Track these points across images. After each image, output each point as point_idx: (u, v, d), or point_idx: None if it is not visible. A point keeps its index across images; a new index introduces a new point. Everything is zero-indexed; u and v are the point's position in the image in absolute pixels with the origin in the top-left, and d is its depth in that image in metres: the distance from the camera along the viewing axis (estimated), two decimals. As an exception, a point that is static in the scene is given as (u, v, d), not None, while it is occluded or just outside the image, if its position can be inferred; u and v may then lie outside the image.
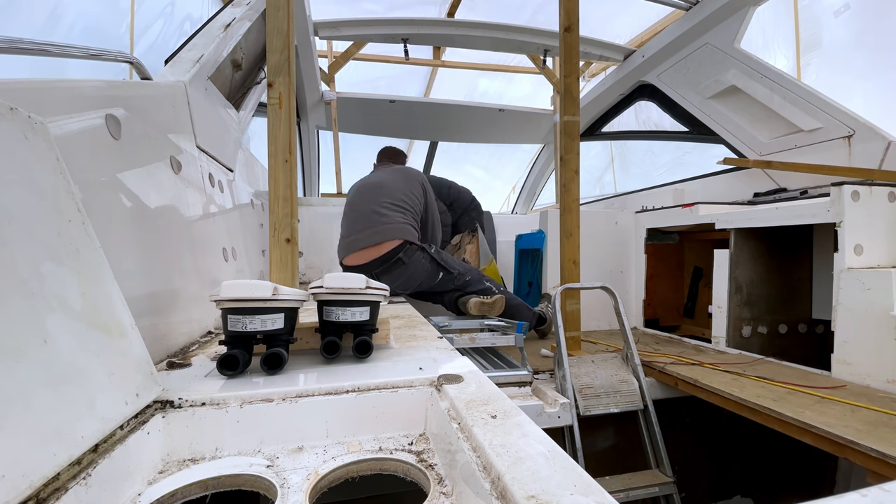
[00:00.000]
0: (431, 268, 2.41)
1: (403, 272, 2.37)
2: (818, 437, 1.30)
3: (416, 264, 2.37)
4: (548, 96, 4.86)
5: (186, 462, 0.73)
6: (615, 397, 1.85)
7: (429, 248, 2.42)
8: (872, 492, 0.48)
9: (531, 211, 5.79)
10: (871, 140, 2.25)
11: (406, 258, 2.34)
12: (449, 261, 2.47)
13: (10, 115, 0.61)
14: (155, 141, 1.28)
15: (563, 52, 2.18)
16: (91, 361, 0.63)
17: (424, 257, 2.40)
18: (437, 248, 2.49)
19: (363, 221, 2.40)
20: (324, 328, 1.11)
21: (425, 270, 2.41)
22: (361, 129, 4.82)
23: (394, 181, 2.50)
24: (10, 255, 0.54)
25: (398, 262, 2.33)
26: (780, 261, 2.35)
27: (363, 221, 2.40)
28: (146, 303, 1.07)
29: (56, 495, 0.51)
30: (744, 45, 2.81)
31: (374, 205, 2.40)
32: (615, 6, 3.83)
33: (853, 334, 1.68)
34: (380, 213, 2.38)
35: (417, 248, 2.39)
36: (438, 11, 3.94)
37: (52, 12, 2.09)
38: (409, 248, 2.35)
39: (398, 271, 2.34)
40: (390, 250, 2.31)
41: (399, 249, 2.32)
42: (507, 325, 2.15)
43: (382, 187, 2.47)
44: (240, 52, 2.26)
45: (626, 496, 1.66)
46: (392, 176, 2.54)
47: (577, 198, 2.21)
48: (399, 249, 2.32)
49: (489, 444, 0.60)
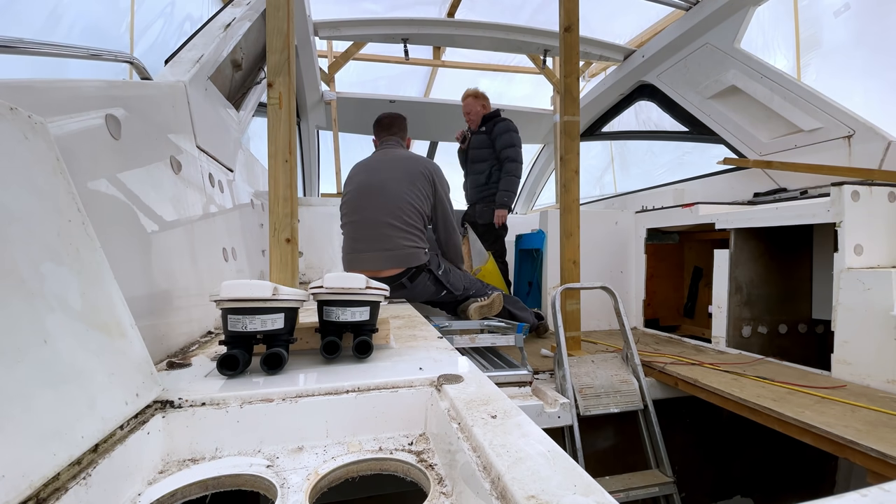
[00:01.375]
0: (435, 288, 2.38)
1: (406, 293, 2.36)
2: (818, 437, 1.30)
3: (420, 286, 2.34)
4: (548, 96, 4.86)
5: (186, 462, 0.73)
6: (615, 397, 1.85)
7: (435, 270, 2.34)
8: (872, 492, 0.48)
9: (531, 211, 5.80)
10: (871, 140, 2.25)
11: (409, 283, 2.31)
12: (454, 282, 2.40)
13: (10, 115, 0.61)
14: (155, 141, 1.28)
15: (563, 52, 2.18)
16: (91, 361, 0.63)
17: (429, 279, 2.34)
18: (445, 269, 2.39)
19: (366, 238, 2.30)
20: (324, 328, 1.11)
21: (429, 291, 2.38)
22: (361, 129, 4.83)
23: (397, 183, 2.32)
24: (11, 255, 0.54)
25: (401, 286, 2.31)
26: (780, 261, 2.35)
27: (366, 238, 2.30)
28: (146, 303, 1.07)
29: (56, 495, 0.51)
30: (744, 45, 2.81)
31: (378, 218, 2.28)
32: (615, 6, 3.83)
33: (853, 334, 1.68)
34: (384, 233, 2.26)
35: (423, 270, 2.32)
36: (438, 11, 3.94)
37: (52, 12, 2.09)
38: (413, 273, 2.30)
39: (401, 292, 2.34)
40: (394, 275, 2.27)
41: (403, 275, 2.29)
42: (507, 326, 2.15)
43: (387, 192, 2.30)
44: (240, 52, 2.26)
45: (626, 496, 1.66)
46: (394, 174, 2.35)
47: (577, 198, 2.21)
48: (403, 275, 2.29)
49: (489, 444, 0.60)
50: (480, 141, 3.51)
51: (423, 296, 2.41)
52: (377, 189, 2.33)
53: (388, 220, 2.27)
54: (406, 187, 2.32)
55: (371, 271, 2.23)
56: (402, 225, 2.28)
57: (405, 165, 2.38)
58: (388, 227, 2.27)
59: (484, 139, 3.48)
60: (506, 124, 3.41)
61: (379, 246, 2.27)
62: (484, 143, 3.48)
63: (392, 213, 2.27)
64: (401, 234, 2.27)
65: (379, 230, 2.27)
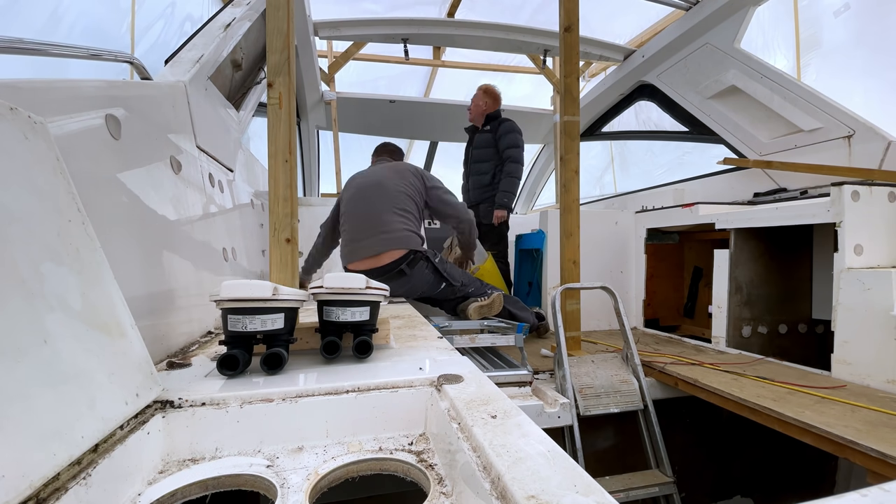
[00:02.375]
0: (434, 278, 2.39)
1: (406, 282, 2.37)
2: (818, 437, 1.30)
3: (419, 275, 2.36)
4: (548, 96, 4.86)
5: (186, 462, 0.73)
6: (615, 397, 1.85)
7: (433, 257, 2.39)
8: (872, 492, 0.48)
9: (531, 211, 5.80)
10: (871, 140, 2.25)
11: (408, 269, 2.33)
12: (451, 272, 2.44)
13: (10, 115, 0.61)
14: (155, 141, 1.28)
15: (563, 52, 2.18)
16: (91, 361, 0.63)
17: (427, 267, 2.37)
18: (441, 259, 2.45)
19: (365, 228, 2.37)
20: (324, 328, 1.11)
21: (427, 281, 2.40)
22: (361, 129, 4.83)
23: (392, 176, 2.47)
24: (11, 255, 0.54)
25: (400, 273, 2.32)
26: (780, 261, 2.35)
27: (365, 228, 2.37)
28: (146, 303, 1.07)
29: (56, 495, 0.51)
30: (744, 45, 2.81)
31: (376, 208, 2.38)
32: (615, 6, 3.83)
33: (853, 334, 1.68)
34: (382, 219, 2.35)
35: (421, 258, 2.36)
36: (438, 11, 3.94)
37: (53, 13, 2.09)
38: (412, 259, 2.32)
39: (401, 281, 2.34)
40: (393, 261, 2.29)
41: (402, 260, 2.30)
42: (507, 326, 2.15)
43: (382, 186, 2.43)
44: (240, 52, 2.26)
45: (626, 496, 1.66)
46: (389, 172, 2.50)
47: (577, 198, 2.21)
48: (402, 260, 2.30)
49: (489, 444, 0.60)
50: (485, 140, 3.48)
51: (422, 286, 2.42)
52: (376, 184, 2.45)
53: (385, 209, 2.37)
54: (398, 180, 2.45)
55: (371, 258, 2.29)
56: (400, 211, 2.38)
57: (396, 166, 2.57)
58: (386, 214, 2.36)
59: (488, 138, 3.45)
60: (510, 125, 3.40)
61: (377, 231, 2.34)
62: (488, 142, 3.47)
63: (389, 203, 2.38)
64: (398, 219, 2.36)
65: (378, 218, 2.36)
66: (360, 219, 2.42)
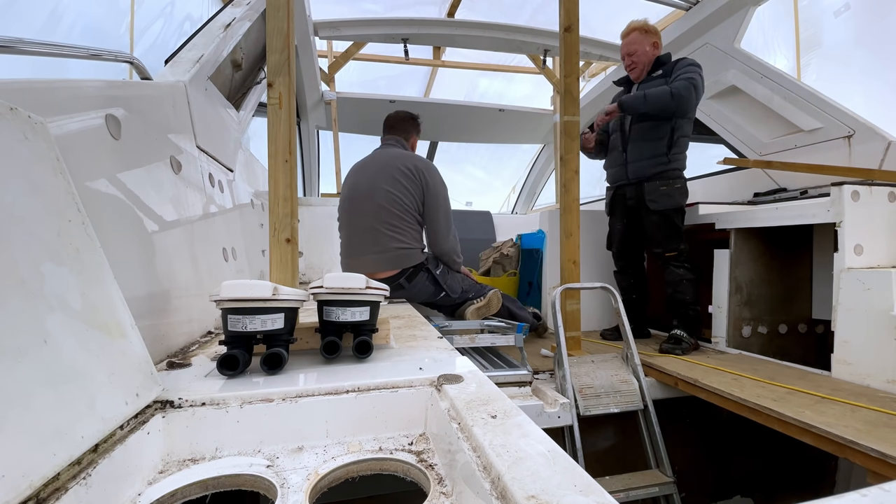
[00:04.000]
0: (434, 289, 2.39)
1: (405, 294, 2.38)
2: (818, 437, 1.30)
3: (419, 286, 2.35)
4: (548, 96, 4.86)
5: (186, 462, 0.73)
6: (615, 397, 1.85)
7: (433, 269, 2.35)
8: (872, 492, 0.48)
9: (531, 211, 5.80)
10: (871, 140, 2.25)
11: (407, 283, 2.32)
12: (451, 284, 2.41)
13: (10, 115, 0.61)
14: (155, 141, 1.28)
15: (563, 52, 2.18)
16: (91, 361, 0.63)
17: (427, 279, 2.35)
18: (443, 269, 2.39)
19: (358, 244, 2.32)
20: (324, 328, 1.11)
21: (427, 292, 2.39)
22: (361, 129, 4.83)
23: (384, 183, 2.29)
24: (11, 255, 0.54)
25: (399, 286, 2.31)
26: (780, 261, 2.35)
27: (358, 244, 2.32)
28: (146, 303, 1.07)
29: (56, 495, 0.51)
30: (744, 45, 2.81)
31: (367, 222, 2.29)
32: (615, 6, 3.82)
33: (853, 334, 1.68)
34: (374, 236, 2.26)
35: (421, 269, 2.32)
36: (438, 11, 3.94)
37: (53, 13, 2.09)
38: (410, 273, 2.31)
39: (400, 293, 2.35)
40: (389, 276, 2.27)
41: (400, 276, 2.29)
42: (507, 326, 2.15)
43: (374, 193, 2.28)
44: (240, 52, 2.26)
45: (626, 496, 1.66)
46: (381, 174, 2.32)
47: (577, 198, 2.21)
48: (400, 276, 2.29)
49: (489, 444, 0.60)
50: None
51: (422, 296, 2.42)
52: (364, 191, 2.33)
53: (375, 224, 2.27)
54: (392, 185, 2.29)
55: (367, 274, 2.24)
56: (389, 227, 2.27)
57: (393, 163, 2.34)
58: (376, 230, 2.27)
59: (661, 86, 2.29)
60: (691, 60, 2.37)
61: (370, 249, 2.29)
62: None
63: (378, 216, 2.27)
64: (389, 237, 2.27)
65: (369, 233, 2.29)
66: (352, 230, 2.37)
